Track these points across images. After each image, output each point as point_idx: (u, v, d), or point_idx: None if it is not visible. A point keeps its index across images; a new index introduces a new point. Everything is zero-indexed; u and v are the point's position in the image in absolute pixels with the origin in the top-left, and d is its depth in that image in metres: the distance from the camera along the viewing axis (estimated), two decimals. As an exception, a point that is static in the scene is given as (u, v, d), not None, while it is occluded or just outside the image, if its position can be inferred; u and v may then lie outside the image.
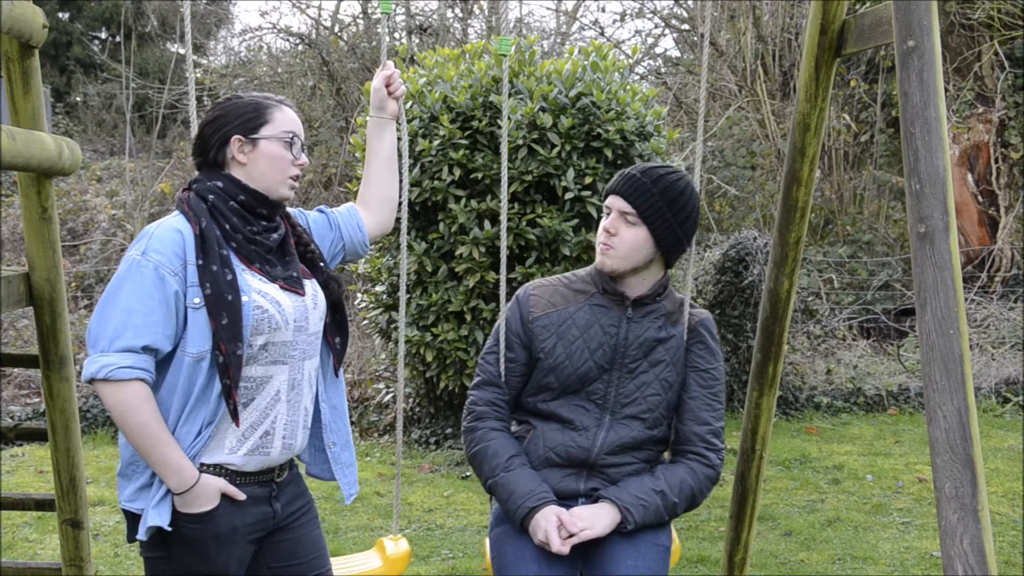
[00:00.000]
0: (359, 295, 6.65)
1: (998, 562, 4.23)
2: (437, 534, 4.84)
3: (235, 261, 2.18)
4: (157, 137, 12.89)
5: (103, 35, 18.83)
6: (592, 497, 2.54)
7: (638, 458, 2.57)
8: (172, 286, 2.10)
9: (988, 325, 8.59)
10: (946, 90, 9.45)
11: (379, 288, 6.22)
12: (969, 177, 9.89)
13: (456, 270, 5.79)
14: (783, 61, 11.14)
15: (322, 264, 2.38)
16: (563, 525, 2.43)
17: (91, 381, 2.07)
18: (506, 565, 2.51)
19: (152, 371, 2.10)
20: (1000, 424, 6.99)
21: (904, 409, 7.41)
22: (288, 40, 13.58)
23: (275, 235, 2.27)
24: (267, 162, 2.23)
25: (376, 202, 2.60)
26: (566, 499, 2.54)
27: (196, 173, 2.30)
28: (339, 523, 4.96)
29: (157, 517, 2.12)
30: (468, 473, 5.78)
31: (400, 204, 2.70)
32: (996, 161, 9.82)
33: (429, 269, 5.83)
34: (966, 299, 8.67)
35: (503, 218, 2.86)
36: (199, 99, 13.19)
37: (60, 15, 17.77)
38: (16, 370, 7.66)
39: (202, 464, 2.15)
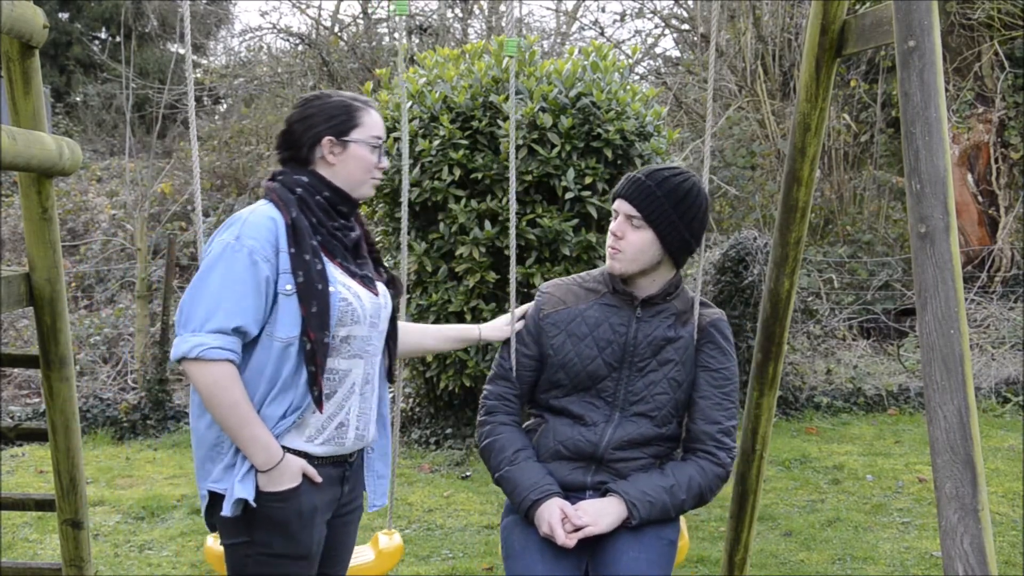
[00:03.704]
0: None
1: (998, 562, 4.23)
2: (437, 534, 4.84)
3: (321, 253, 2.24)
4: (157, 137, 12.90)
5: (103, 35, 18.83)
6: (600, 490, 2.57)
7: (646, 453, 2.59)
8: (264, 271, 2.15)
9: (988, 325, 8.59)
10: (946, 90, 9.45)
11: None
12: (969, 177, 9.89)
13: (456, 270, 5.79)
14: (783, 61, 11.14)
15: (384, 267, 2.48)
16: (567, 518, 2.46)
17: (180, 360, 2.12)
18: (513, 555, 2.56)
19: (240, 353, 2.14)
20: (1000, 424, 6.99)
21: (904, 409, 7.41)
22: (288, 40, 13.59)
23: (353, 234, 2.36)
24: (355, 164, 2.31)
25: (403, 349, 2.65)
26: (573, 491, 2.58)
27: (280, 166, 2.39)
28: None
29: (243, 491, 2.15)
30: (468, 473, 5.78)
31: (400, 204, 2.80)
32: (996, 161, 9.82)
33: (429, 269, 5.83)
34: (966, 299, 8.67)
35: (512, 217, 2.88)
36: (199, 99, 13.19)
37: (60, 15, 17.77)
38: (16, 370, 7.66)
39: (283, 447, 2.20)
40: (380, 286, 2.39)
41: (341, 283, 2.25)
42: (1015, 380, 7.64)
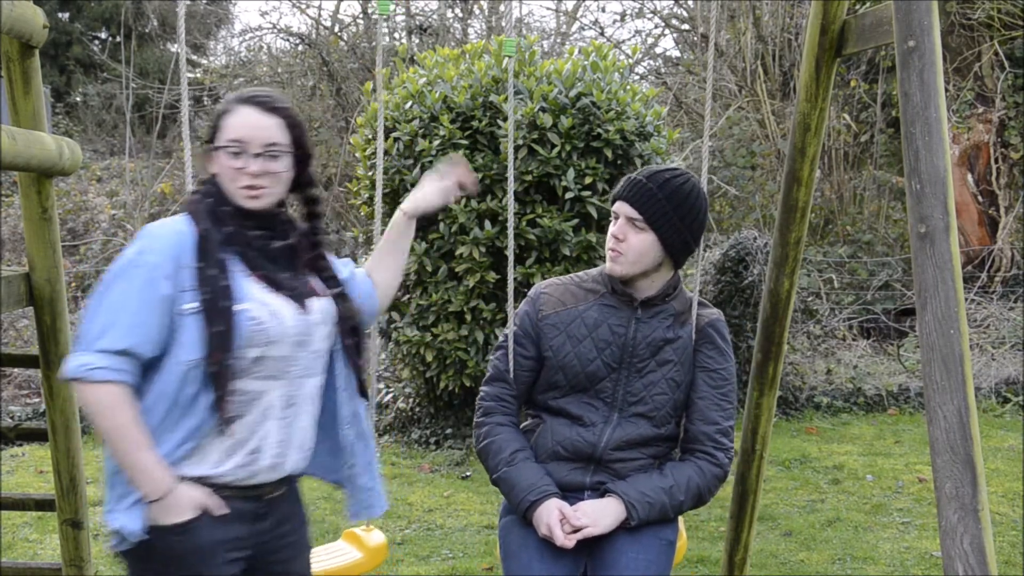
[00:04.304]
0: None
1: (998, 562, 4.23)
2: (437, 534, 4.84)
3: (237, 266, 2.08)
4: (157, 137, 12.90)
5: (103, 35, 18.83)
6: (598, 490, 2.56)
7: (645, 454, 2.59)
8: (163, 290, 2.00)
9: (988, 325, 8.59)
10: (946, 90, 9.44)
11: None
12: (969, 177, 9.89)
13: (456, 270, 5.78)
14: (783, 61, 11.14)
15: (339, 284, 2.26)
16: (566, 519, 2.46)
17: (69, 380, 2.01)
18: (510, 555, 2.55)
19: (132, 373, 2.00)
20: (1000, 424, 6.99)
21: (904, 409, 7.41)
22: (288, 40, 13.58)
23: (276, 243, 2.15)
24: (220, 172, 2.12)
25: (382, 288, 2.47)
26: (572, 492, 2.57)
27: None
28: (339, 523, 4.95)
29: (124, 521, 2.03)
30: (468, 473, 5.78)
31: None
32: (996, 161, 9.82)
33: (429, 269, 5.83)
34: (966, 299, 8.65)
35: (511, 218, 2.87)
36: (199, 99, 13.20)
37: (60, 15, 17.77)
38: (16, 370, 7.66)
39: (183, 476, 2.05)
40: (315, 302, 2.17)
41: (257, 300, 2.06)
42: (1015, 380, 7.64)
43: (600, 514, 2.48)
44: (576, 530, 2.45)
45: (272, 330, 2.07)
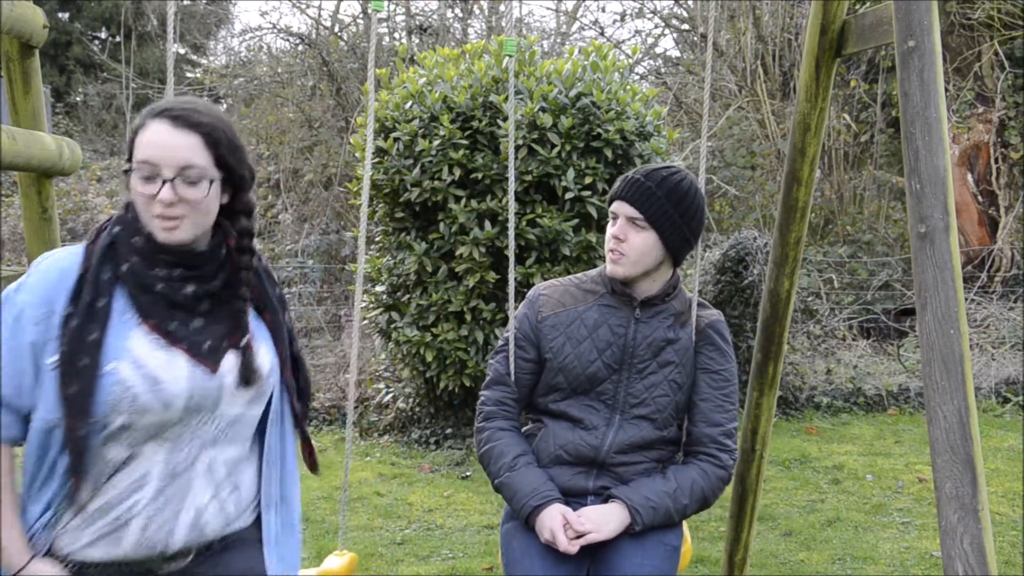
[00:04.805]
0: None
1: (998, 562, 4.23)
2: (437, 534, 4.84)
3: (122, 313, 1.78)
4: (157, 137, 12.88)
5: (103, 35, 18.85)
6: (601, 495, 2.54)
7: (648, 457, 2.57)
8: (29, 336, 1.74)
9: (988, 325, 8.60)
10: (946, 90, 9.45)
11: (379, 288, 6.22)
12: (969, 177, 9.89)
13: (456, 270, 5.78)
14: (783, 61, 11.15)
15: (290, 340, 1.99)
16: (569, 524, 2.43)
17: None
18: (513, 561, 2.52)
19: (7, 426, 1.78)
20: (1000, 424, 6.99)
21: (904, 409, 7.41)
22: (288, 40, 13.59)
23: (191, 287, 1.81)
24: (135, 197, 1.80)
25: None
26: (575, 496, 2.54)
27: None
28: (339, 523, 4.96)
29: None
30: (468, 473, 5.78)
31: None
32: (996, 161, 9.83)
33: (429, 269, 5.83)
34: (966, 299, 8.67)
35: (511, 218, 2.86)
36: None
37: (60, 15, 17.79)
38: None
39: (49, 548, 1.80)
40: (232, 359, 1.84)
41: (133, 358, 1.75)
42: (1015, 380, 7.64)
43: (604, 519, 2.45)
44: (579, 536, 2.42)
45: (143, 397, 1.75)
